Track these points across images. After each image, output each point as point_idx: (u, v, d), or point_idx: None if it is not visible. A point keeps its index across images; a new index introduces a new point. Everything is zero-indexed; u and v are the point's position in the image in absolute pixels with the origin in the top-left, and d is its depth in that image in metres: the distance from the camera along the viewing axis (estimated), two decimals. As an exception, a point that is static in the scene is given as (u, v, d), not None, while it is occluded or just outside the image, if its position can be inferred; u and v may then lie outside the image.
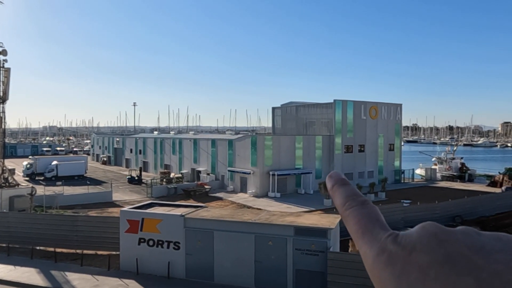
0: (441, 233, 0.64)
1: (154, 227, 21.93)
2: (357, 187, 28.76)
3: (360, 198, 0.78)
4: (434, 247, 0.62)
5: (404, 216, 31.40)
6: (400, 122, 63.38)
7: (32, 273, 22.33)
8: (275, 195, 46.80)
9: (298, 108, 63.36)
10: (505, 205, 37.16)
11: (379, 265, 0.66)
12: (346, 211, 0.76)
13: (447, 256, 0.61)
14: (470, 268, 0.58)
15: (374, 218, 0.73)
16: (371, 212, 0.75)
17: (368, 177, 56.54)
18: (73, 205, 39.96)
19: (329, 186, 0.83)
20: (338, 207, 0.79)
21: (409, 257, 0.63)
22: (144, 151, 73.27)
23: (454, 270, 0.59)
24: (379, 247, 0.67)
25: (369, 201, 0.78)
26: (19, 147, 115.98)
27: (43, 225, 26.74)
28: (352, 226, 0.74)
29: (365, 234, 0.71)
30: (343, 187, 0.81)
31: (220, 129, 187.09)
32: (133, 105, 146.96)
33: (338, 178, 0.83)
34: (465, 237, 0.63)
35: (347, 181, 0.83)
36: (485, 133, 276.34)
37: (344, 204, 0.77)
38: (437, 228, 0.65)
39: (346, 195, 0.79)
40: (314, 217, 22.38)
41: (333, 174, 0.85)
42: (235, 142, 52.24)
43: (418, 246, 0.63)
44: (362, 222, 0.73)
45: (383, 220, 0.74)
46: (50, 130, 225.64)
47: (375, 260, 0.66)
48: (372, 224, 0.72)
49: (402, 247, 0.65)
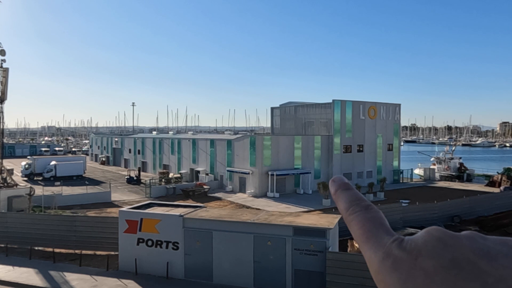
0: (447, 238, 0.64)
1: (153, 227, 21.91)
2: (356, 187, 29.24)
3: (364, 203, 0.78)
4: (439, 252, 0.62)
5: (403, 216, 31.38)
6: (399, 122, 63.43)
7: (30, 274, 22.29)
8: (274, 195, 46.79)
9: (297, 108, 63.33)
10: (503, 205, 37.20)
11: (384, 270, 0.65)
12: (350, 216, 0.76)
13: (453, 261, 0.60)
14: (476, 274, 0.58)
15: (379, 223, 0.73)
16: (376, 217, 0.75)
17: (367, 177, 56.62)
18: (71, 205, 39.94)
19: (333, 190, 0.83)
20: (341, 212, 0.79)
21: (415, 262, 0.63)
22: (142, 151, 73.20)
23: (460, 275, 0.59)
24: (385, 252, 0.67)
25: (373, 206, 0.77)
26: (17, 147, 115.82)
27: (41, 225, 26.72)
28: (356, 230, 0.74)
29: (369, 239, 0.71)
30: (346, 192, 0.81)
31: (219, 129, 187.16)
32: (132, 105, 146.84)
33: (342, 182, 0.83)
34: (471, 242, 0.63)
35: (350, 185, 0.83)
36: (483, 133, 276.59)
37: (348, 209, 0.77)
38: (442, 233, 0.65)
39: (350, 199, 0.79)
40: (313, 217, 22.37)
41: (336, 178, 0.85)
42: (234, 142, 52.22)
43: (424, 251, 0.63)
44: (367, 227, 0.73)
45: (388, 225, 0.74)
46: (49, 130, 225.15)
47: (381, 265, 0.66)
48: (377, 229, 0.72)
49: (408, 252, 0.65)
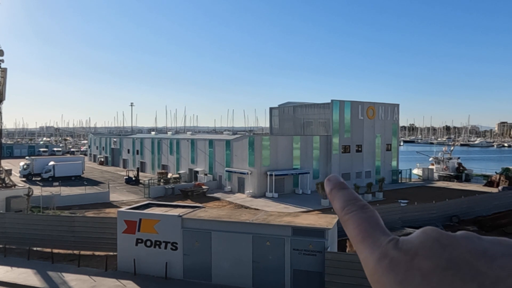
0: (443, 238, 0.64)
1: (151, 227, 21.89)
2: (354, 187, 28.88)
3: (359, 202, 0.77)
4: (436, 252, 0.62)
5: (401, 216, 31.42)
6: (397, 122, 63.51)
7: (29, 274, 22.24)
8: (272, 195, 46.79)
9: (296, 108, 63.34)
10: (501, 205, 37.26)
11: (380, 270, 0.65)
12: (345, 215, 0.75)
13: (450, 261, 0.60)
14: (474, 274, 0.58)
15: (374, 223, 0.73)
16: (371, 217, 0.74)
17: (365, 177, 56.66)
18: (70, 206, 39.86)
19: (328, 190, 0.82)
20: (337, 211, 0.78)
21: (411, 263, 0.62)
22: (141, 151, 73.15)
23: (457, 276, 0.58)
24: (381, 252, 0.67)
25: (369, 206, 0.77)
26: (16, 147, 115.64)
27: (40, 226, 26.66)
28: (352, 230, 0.73)
29: (365, 239, 0.70)
30: (342, 191, 0.80)
31: (217, 130, 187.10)
32: (131, 105, 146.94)
33: (337, 182, 0.82)
34: (467, 242, 0.63)
35: (346, 185, 0.82)
36: (481, 133, 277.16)
37: (343, 208, 0.76)
38: (438, 233, 0.65)
39: (345, 199, 0.78)
40: (311, 217, 22.38)
41: (332, 177, 0.84)
42: (233, 142, 52.21)
43: (421, 251, 0.63)
44: (362, 227, 0.72)
45: (383, 225, 0.73)
46: (47, 131, 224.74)
47: (377, 265, 0.66)
48: (373, 229, 0.71)
49: (404, 252, 0.64)
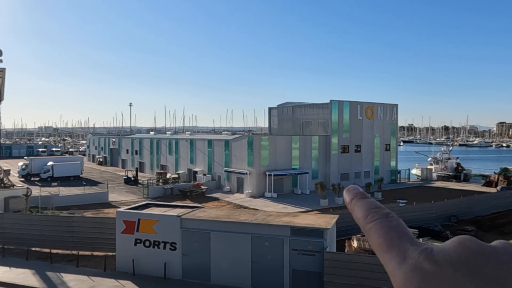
0: (484, 251, 0.59)
1: (150, 227, 21.87)
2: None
3: (383, 211, 0.74)
4: (478, 267, 0.57)
5: (400, 216, 30.67)
6: (396, 122, 63.59)
7: (27, 275, 22.19)
8: (271, 195, 46.77)
9: (295, 109, 63.36)
10: (500, 205, 37.31)
11: (412, 284, 0.61)
12: (368, 224, 0.72)
13: (495, 278, 0.56)
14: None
15: (401, 232, 0.69)
16: (397, 225, 0.70)
17: (364, 177, 56.70)
18: (69, 206, 39.75)
19: (348, 200, 0.80)
20: (358, 221, 0.75)
21: (448, 277, 0.58)
22: (140, 151, 73.08)
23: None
24: (412, 264, 0.62)
25: (393, 214, 0.73)
26: (14, 147, 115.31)
27: (38, 226, 26.61)
28: (376, 239, 0.69)
29: (391, 248, 0.66)
30: (363, 200, 0.78)
31: (216, 130, 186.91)
32: (129, 105, 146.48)
33: (357, 191, 0.81)
34: (510, 256, 0.58)
35: (366, 194, 0.80)
36: (480, 133, 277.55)
37: (366, 217, 0.73)
38: (478, 245, 0.61)
39: (367, 207, 0.75)
40: (310, 217, 22.37)
41: (351, 187, 0.82)
42: (232, 142, 52.20)
43: (460, 266, 0.58)
44: (387, 236, 0.68)
45: (411, 234, 0.69)
46: (46, 131, 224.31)
47: (408, 278, 0.61)
48: (400, 238, 0.67)
49: (440, 265, 0.60)
